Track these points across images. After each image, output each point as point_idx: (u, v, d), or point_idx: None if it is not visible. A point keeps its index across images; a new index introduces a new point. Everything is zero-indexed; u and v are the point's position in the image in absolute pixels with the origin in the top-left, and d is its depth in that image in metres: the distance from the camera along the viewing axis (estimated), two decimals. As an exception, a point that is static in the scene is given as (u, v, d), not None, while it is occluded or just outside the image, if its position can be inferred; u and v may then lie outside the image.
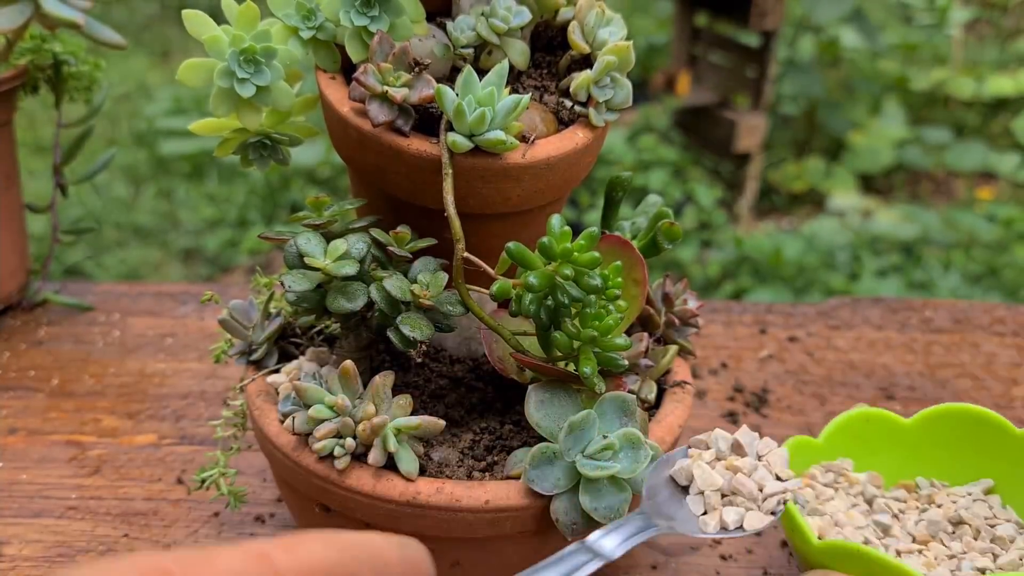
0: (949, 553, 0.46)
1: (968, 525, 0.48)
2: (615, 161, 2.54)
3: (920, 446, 0.53)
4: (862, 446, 0.53)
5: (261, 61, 0.42)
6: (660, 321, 0.51)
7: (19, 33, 0.63)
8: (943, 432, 0.52)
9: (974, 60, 3.54)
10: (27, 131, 2.52)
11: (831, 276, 2.17)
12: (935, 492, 0.51)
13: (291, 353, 0.49)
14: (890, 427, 0.53)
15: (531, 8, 0.47)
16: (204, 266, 2.33)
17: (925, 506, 0.50)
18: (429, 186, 0.43)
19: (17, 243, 0.76)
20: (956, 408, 0.52)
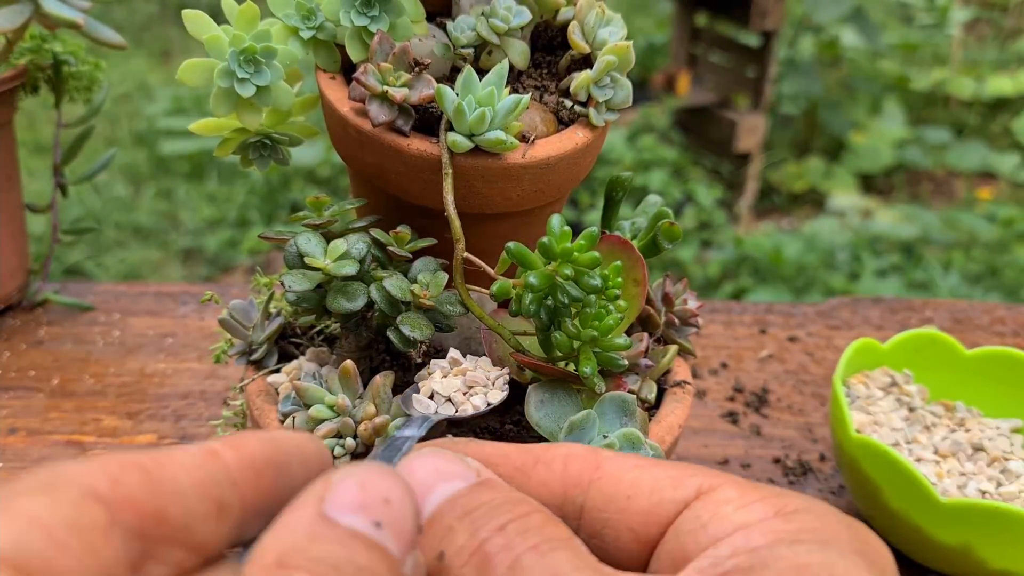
0: (961, 471, 0.53)
1: (986, 453, 0.54)
2: (615, 161, 2.54)
3: (971, 376, 0.61)
4: (921, 361, 0.61)
5: (261, 61, 0.42)
6: (660, 321, 0.51)
7: (19, 33, 0.63)
8: (995, 370, 0.60)
9: (974, 60, 3.54)
10: (27, 131, 2.52)
11: (831, 276, 2.17)
12: (968, 417, 0.59)
13: (291, 353, 0.49)
14: (951, 352, 0.61)
15: (531, 8, 0.47)
16: (204, 266, 2.33)
17: (955, 427, 0.57)
18: (429, 186, 0.43)
19: (17, 243, 0.76)
20: (1012, 353, 0.60)
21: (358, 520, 0.21)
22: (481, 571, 0.22)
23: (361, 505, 0.21)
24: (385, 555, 0.21)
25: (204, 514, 0.21)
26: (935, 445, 0.55)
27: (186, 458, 0.21)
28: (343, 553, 0.20)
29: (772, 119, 2.87)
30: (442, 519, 0.23)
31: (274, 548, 0.20)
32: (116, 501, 0.20)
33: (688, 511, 0.25)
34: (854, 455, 0.52)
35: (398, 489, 0.22)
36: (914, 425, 0.56)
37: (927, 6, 3.64)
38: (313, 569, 0.19)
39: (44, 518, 0.18)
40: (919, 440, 0.55)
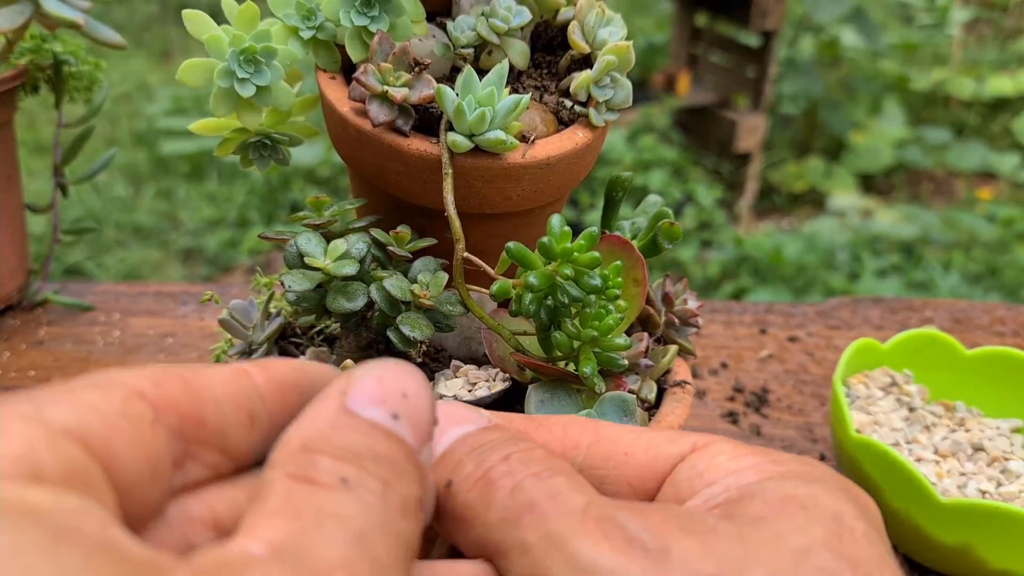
0: (961, 471, 0.53)
1: (986, 453, 0.54)
2: (615, 161, 2.54)
3: (971, 376, 0.60)
4: (921, 361, 0.62)
5: (261, 61, 0.42)
6: (660, 321, 0.51)
7: (19, 33, 0.63)
8: (995, 370, 0.60)
9: (974, 60, 3.54)
10: (27, 131, 2.52)
11: (831, 276, 2.17)
12: (968, 417, 0.58)
13: (291, 353, 0.49)
14: (951, 352, 0.61)
15: (531, 8, 0.47)
16: (204, 266, 2.33)
17: (955, 427, 0.57)
18: (429, 186, 0.43)
19: (17, 243, 0.76)
20: (1012, 353, 0.60)
21: (378, 412, 0.22)
22: (485, 494, 0.23)
23: (381, 399, 0.23)
24: (402, 444, 0.22)
25: (237, 422, 0.23)
26: (935, 445, 0.55)
27: (220, 373, 0.23)
28: (364, 441, 0.22)
29: (772, 119, 2.87)
30: (453, 454, 0.25)
31: (300, 436, 0.22)
32: (159, 402, 0.21)
33: (684, 463, 0.26)
34: (854, 455, 0.52)
35: (415, 384, 0.23)
36: (914, 425, 0.56)
37: (927, 6, 3.64)
38: (336, 455, 0.21)
39: (100, 406, 0.20)
40: (919, 440, 0.55)
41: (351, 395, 0.23)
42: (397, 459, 0.22)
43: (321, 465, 0.21)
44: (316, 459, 0.21)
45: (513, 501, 0.23)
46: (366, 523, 0.20)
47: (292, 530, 0.19)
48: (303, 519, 0.19)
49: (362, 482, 0.21)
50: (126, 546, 0.17)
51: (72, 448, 0.18)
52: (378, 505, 0.21)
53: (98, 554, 0.16)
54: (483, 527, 0.23)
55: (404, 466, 0.22)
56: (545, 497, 0.23)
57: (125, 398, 0.21)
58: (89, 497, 0.18)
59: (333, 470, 0.21)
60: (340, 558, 0.19)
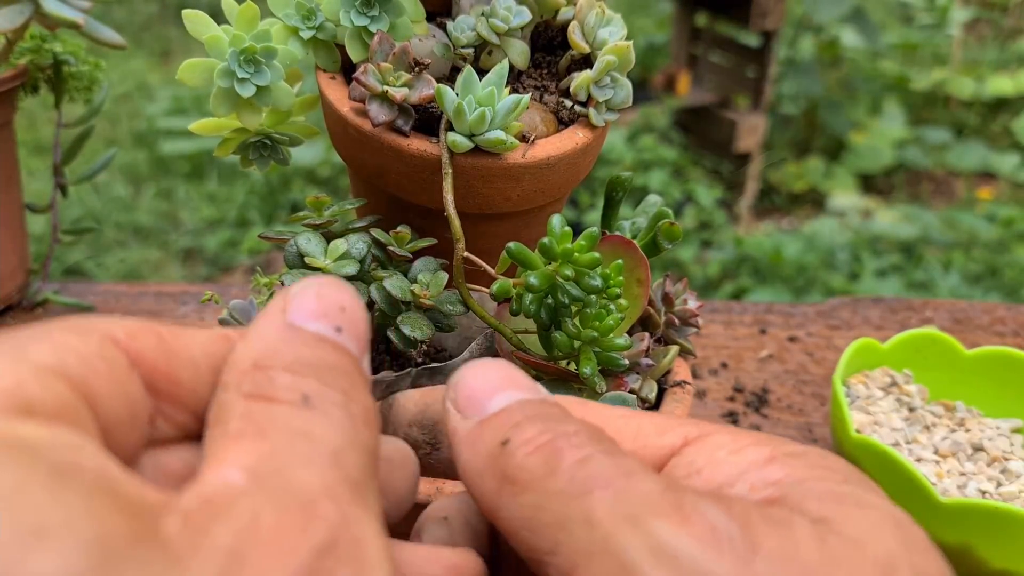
0: (961, 471, 0.53)
1: (986, 453, 0.54)
2: (615, 161, 2.54)
3: (971, 376, 0.60)
4: (921, 361, 0.61)
5: (261, 61, 0.42)
6: (660, 321, 0.51)
7: (19, 33, 0.63)
8: (995, 370, 0.60)
9: (974, 60, 3.54)
10: (27, 131, 2.52)
11: (831, 276, 2.17)
12: (968, 417, 0.58)
13: (291, 353, 0.49)
14: (951, 352, 0.61)
15: (531, 8, 0.47)
16: (204, 266, 2.33)
17: (955, 427, 0.57)
18: (429, 186, 0.43)
19: (17, 243, 0.76)
20: (1012, 353, 0.60)
21: (321, 326, 0.22)
22: (549, 459, 0.22)
23: (322, 313, 0.22)
24: (350, 355, 0.22)
25: (214, 385, 0.22)
26: (935, 445, 0.55)
27: (200, 335, 0.23)
28: (315, 354, 0.21)
29: (772, 119, 2.87)
30: (510, 414, 0.23)
31: (248, 354, 0.21)
32: (132, 351, 0.21)
33: (678, 458, 0.24)
34: (854, 455, 0.52)
35: (351, 298, 0.23)
36: (914, 425, 0.56)
37: (927, 6, 3.64)
38: (291, 369, 0.21)
39: (78, 347, 0.19)
40: (919, 440, 0.55)
41: (291, 310, 0.22)
42: (349, 369, 0.22)
43: (278, 381, 0.20)
44: (271, 376, 0.21)
45: (583, 472, 0.21)
46: (337, 441, 0.20)
47: (263, 452, 0.19)
48: (272, 438, 0.19)
49: (324, 396, 0.20)
50: (123, 482, 0.17)
51: (59, 384, 0.18)
52: (344, 420, 0.20)
53: (98, 492, 0.16)
54: (540, 493, 0.21)
55: (355, 376, 0.22)
56: (619, 473, 0.21)
57: (100, 342, 0.20)
58: (82, 432, 0.18)
59: (292, 386, 0.20)
60: (321, 484, 0.18)
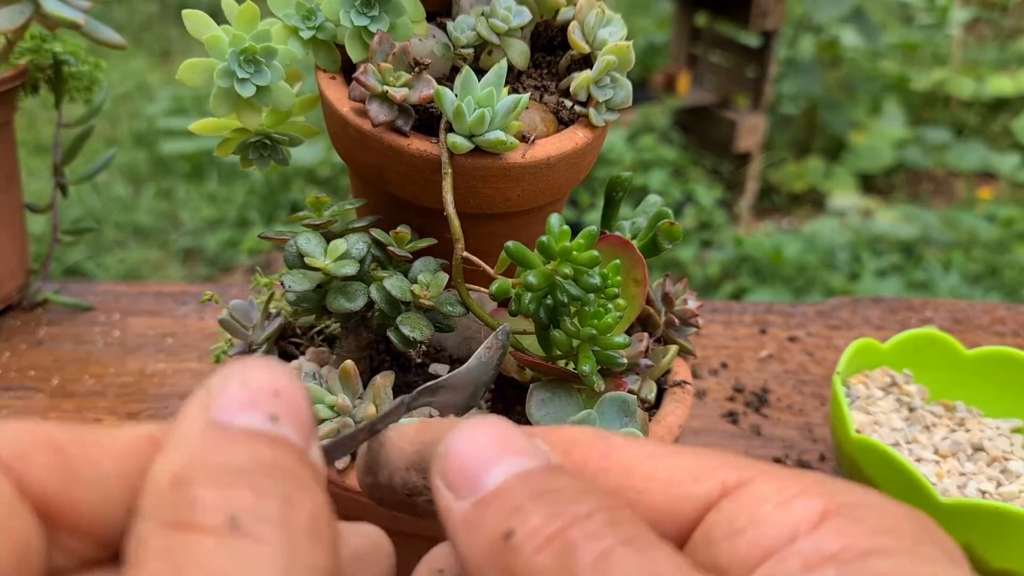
0: (961, 471, 0.53)
1: (986, 453, 0.54)
2: (615, 161, 2.54)
3: (971, 376, 0.60)
4: (921, 361, 0.61)
5: (261, 61, 0.42)
6: (660, 321, 0.51)
7: (19, 33, 0.63)
8: (995, 370, 0.60)
9: (974, 60, 3.54)
10: (27, 131, 2.52)
11: (831, 276, 2.17)
12: (968, 417, 0.58)
13: (291, 353, 0.49)
14: (951, 352, 0.61)
15: (531, 8, 0.47)
16: (204, 266, 2.33)
17: (955, 427, 0.57)
18: (429, 186, 0.43)
19: (17, 243, 0.76)
20: (1012, 353, 0.60)
21: (253, 418, 0.19)
22: (562, 559, 0.18)
23: (251, 402, 0.19)
24: (290, 446, 0.19)
25: (127, 505, 0.19)
26: (935, 445, 0.55)
27: (116, 442, 0.19)
28: (244, 455, 0.18)
29: (772, 119, 2.87)
30: (511, 494, 0.20)
31: (168, 469, 0.18)
32: (22, 477, 0.17)
33: (716, 513, 0.21)
34: (854, 455, 0.52)
35: (285, 378, 0.20)
36: (914, 425, 0.57)
37: (927, 6, 3.64)
38: (216, 482, 0.17)
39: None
40: (919, 440, 0.55)
41: (216, 406, 0.19)
42: (290, 466, 0.18)
43: (201, 503, 0.17)
44: (193, 495, 0.17)
45: (602, 575, 0.18)
46: (271, 572, 0.16)
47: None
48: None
49: (257, 514, 0.17)
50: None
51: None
52: (281, 542, 0.17)
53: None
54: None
55: (300, 473, 0.19)
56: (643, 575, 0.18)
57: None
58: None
59: (217, 506, 0.17)
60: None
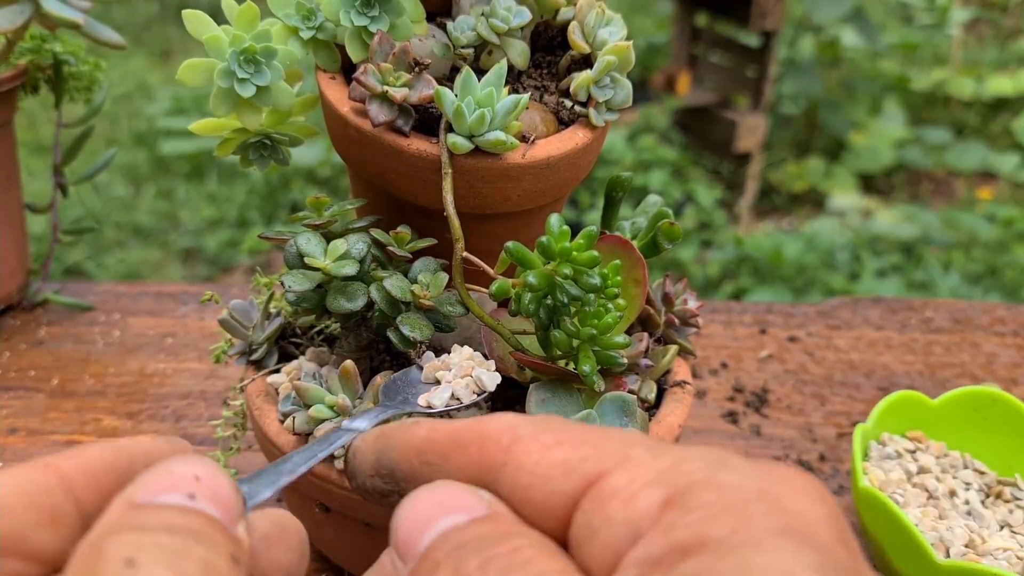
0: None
1: None
2: (615, 161, 2.54)
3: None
4: (979, 423, 0.55)
5: (261, 61, 0.42)
6: (660, 321, 0.51)
7: (19, 33, 0.63)
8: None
9: (974, 60, 3.54)
10: (27, 131, 2.52)
11: (831, 276, 2.17)
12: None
13: (291, 353, 0.49)
14: (1014, 414, 0.54)
15: (531, 8, 0.47)
16: (204, 266, 2.33)
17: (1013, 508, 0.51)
18: (429, 186, 0.43)
19: (17, 243, 0.76)
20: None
21: (171, 497, 0.21)
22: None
23: (171, 486, 0.21)
24: (201, 515, 0.21)
25: (35, 522, 0.21)
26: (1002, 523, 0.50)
27: (11, 477, 0.22)
28: (155, 521, 0.20)
29: (772, 119, 2.87)
30: (432, 554, 0.22)
31: (88, 540, 0.20)
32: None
33: (579, 513, 0.22)
34: (859, 506, 0.50)
35: (207, 468, 0.22)
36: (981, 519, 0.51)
37: (927, 6, 3.64)
38: (125, 537, 0.19)
39: None
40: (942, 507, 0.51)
41: (139, 492, 0.21)
42: (194, 526, 0.20)
43: (105, 553, 0.19)
44: (101, 550, 0.19)
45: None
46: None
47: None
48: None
49: (151, 556, 0.19)
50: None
51: None
52: (166, 574, 0.19)
53: None
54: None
55: (205, 531, 0.21)
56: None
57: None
58: None
59: (118, 553, 0.19)
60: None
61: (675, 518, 0.20)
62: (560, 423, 0.24)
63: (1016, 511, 0.51)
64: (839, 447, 0.65)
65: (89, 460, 0.23)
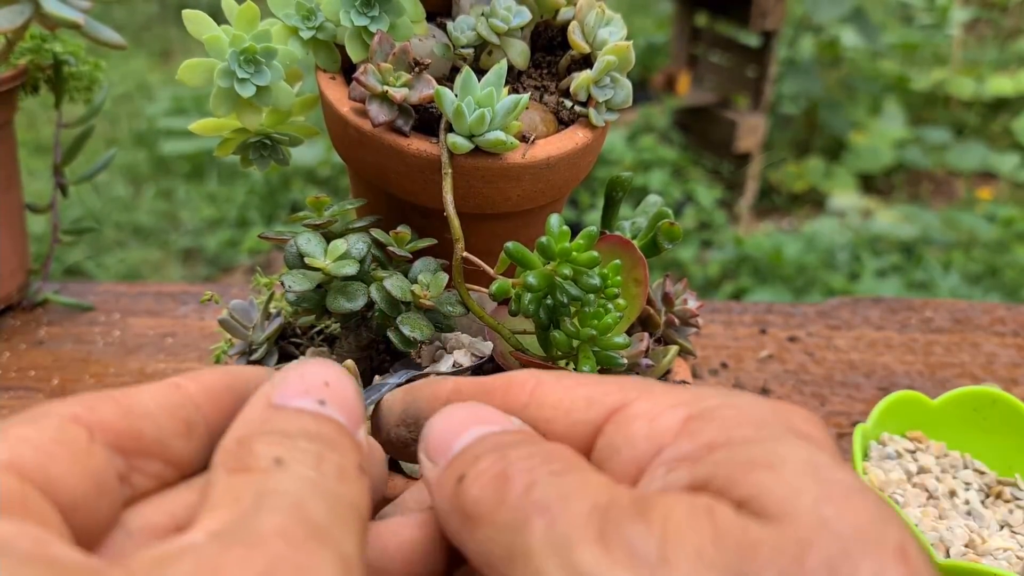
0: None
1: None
2: (615, 161, 2.54)
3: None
4: (979, 423, 0.54)
5: (261, 61, 0.42)
6: (660, 321, 0.51)
7: (19, 33, 0.63)
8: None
9: (974, 60, 3.54)
10: (27, 131, 2.52)
11: (831, 276, 2.17)
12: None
13: (291, 353, 0.49)
14: (1014, 415, 0.54)
15: (531, 8, 0.47)
16: (204, 266, 2.33)
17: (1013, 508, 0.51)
18: (429, 186, 0.43)
19: (17, 243, 0.76)
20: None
21: (304, 402, 0.23)
22: (499, 490, 0.22)
23: (304, 390, 0.24)
24: (332, 421, 0.23)
25: (174, 431, 0.24)
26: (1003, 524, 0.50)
27: (152, 389, 0.24)
28: (293, 425, 0.23)
29: (772, 119, 2.87)
30: (470, 450, 0.24)
31: (233, 435, 0.23)
32: (93, 423, 0.22)
33: (602, 436, 0.24)
34: None
35: (336, 373, 0.24)
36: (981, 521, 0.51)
37: (927, 6, 3.65)
38: (268, 440, 0.22)
39: (32, 437, 0.21)
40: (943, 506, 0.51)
41: (275, 393, 0.24)
42: (327, 433, 0.23)
43: (255, 451, 0.22)
44: (250, 448, 0.22)
45: (527, 499, 0.21)
46: (300, 491, 0.20)
47: (233, 515, 0.20)
48: (243, 504, 0.20)
49: (296, 458, 0.21)
50: (59, 555, 0.18)
51: (12, 480, 0.20)
52: (311, 475, 0.21)
53: (28, 563, 0.17)
54: (492, 527, 0.22)
55: (336, 439, 0.23)
56: (556, 497, 0.21)
57: (58, 426, 0.22)
58: (27, 520, 0.19)
59: (266, 453, 0.21)
60: (276, 526, 0.19)
61: (699, 426, 0.22)
62: (580, 373, 0.26)
63: (1016, 511, 0.51)
64: (839, 447, 0.65)
65: (210, 381, 0.25)
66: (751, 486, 0.20)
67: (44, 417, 0.22)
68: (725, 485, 0.21)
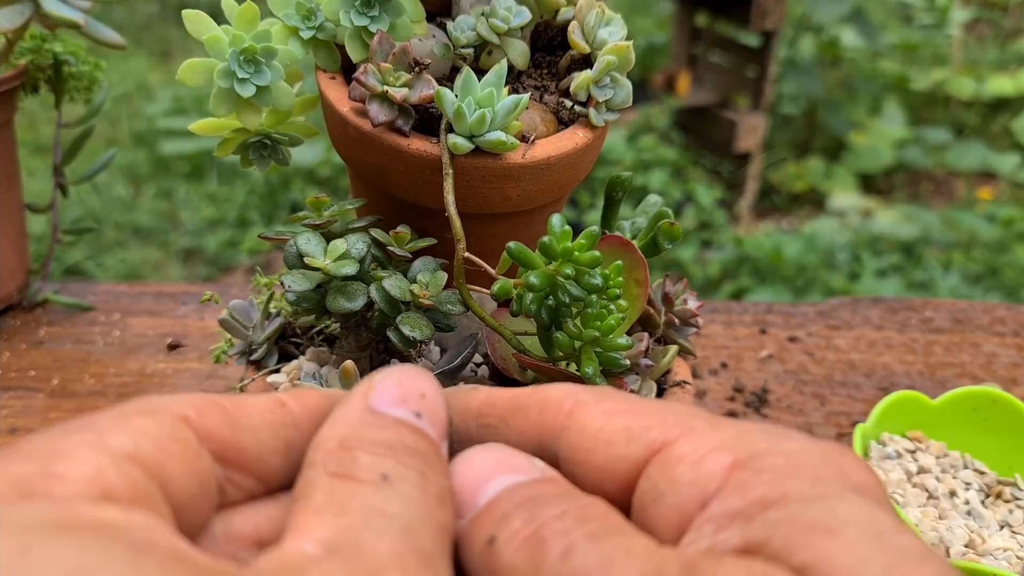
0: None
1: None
2: (615, 161, 2.54)
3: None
4: (979, 423, 0.54)
5: (261, 61, 0.42)
6: (660, 321, 0.51)
7: (19, 33, 0.63)
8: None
9: (974, 60, 3.54)
10: (27, 131, 2.52)
11: (831, 276, 2.17)
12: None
13: (291, 353, 0.49)
14: (1014, 414, 0.54)
15: (531, 8, 0.47)
16: (204, 266, 2.33)
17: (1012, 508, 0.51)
18: (429, 186, 0.43)
19: (17, 243, 0.76)
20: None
21: (401, 411, 0.24)
22: (533, 555, 0.21)
23: (402, 399, 0.24)
24: (428, 438, 0.24)
25: (274, 449, 0.24)
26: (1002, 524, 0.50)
27: (258, 403, 0.24)
28: (395, 437, 0.23)
29: (772, 119, 2.87)
30: (498, 506, 0.23)
31: (334, 435, 0.23)
32: (201, 428, 0.23)
33: (644, 478, 0.23)
34: None
35: (431, 385, 0.25)
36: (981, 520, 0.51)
37: (927, 6, 3.65)
38: (372, 450, 0.22)
39: (152, 431, 0.21)
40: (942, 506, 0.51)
41: (374, 396, 0.24)
42: (427, 452, 0.23)
43: (360, 461, 0.22)
44: (355, 456, 0.22)
45: (565, 567, 0.20)
46: (411, 517, 0.21)
47: (341, 527, 0.20)
48: (350, 516, 0.20)
49: (401, 476, 0.22)
50: (194, 555, 0.18)
51: (134, 470, 0.20)
52: (419, 498, 0.21)
53: (172, 563, 0.18)
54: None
55: (433, 458, 0.23)
56: (598, 565, 0.20)
57: (172, 423, 0.22)
58: (154, 514, 0.19)
59: (372, 466, 0.22)
60: (392, 553, 0.19)
61: (748, 478, 0.21)
62: (618, 393, 0.26)
63: (1016, 511, 0.51)
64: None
65: (314, 403, 0.25)
66: (812, 552, 0.19)
67: (160, 411, 0.22)
68: (782, 550, 0.20)
